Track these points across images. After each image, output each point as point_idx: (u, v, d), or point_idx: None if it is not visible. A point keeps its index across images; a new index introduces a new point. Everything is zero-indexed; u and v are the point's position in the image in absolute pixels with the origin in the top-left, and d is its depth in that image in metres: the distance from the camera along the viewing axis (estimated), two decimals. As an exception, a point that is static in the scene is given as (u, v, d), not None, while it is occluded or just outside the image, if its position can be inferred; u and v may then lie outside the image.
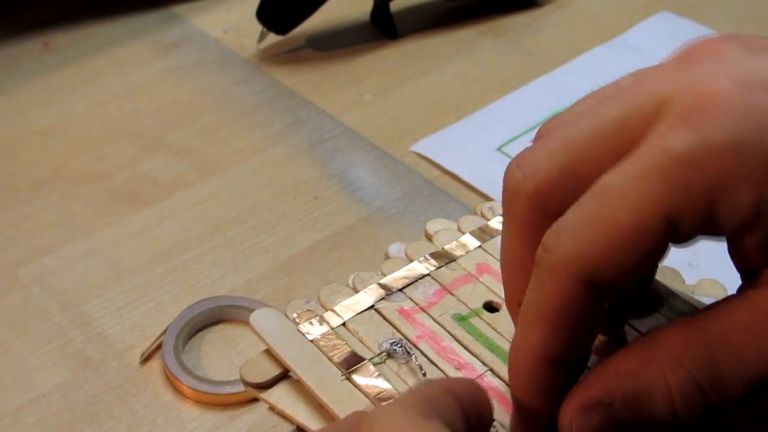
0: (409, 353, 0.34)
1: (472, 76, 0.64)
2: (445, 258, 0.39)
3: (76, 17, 0.68)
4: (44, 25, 0.67)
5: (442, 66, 0.65)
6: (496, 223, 0.41)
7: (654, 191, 0.26)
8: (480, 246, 0.39)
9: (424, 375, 0.33)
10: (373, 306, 0.36)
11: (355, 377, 0.33)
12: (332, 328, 0.35)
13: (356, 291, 0.37)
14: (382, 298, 0.37)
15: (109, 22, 0.68)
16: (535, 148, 0.30)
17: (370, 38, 0.67)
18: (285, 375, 0.35)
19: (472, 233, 0.40)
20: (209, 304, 0.47)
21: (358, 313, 0.36)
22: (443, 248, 0.39)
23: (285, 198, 0.54)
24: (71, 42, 0.66)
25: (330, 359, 0.34)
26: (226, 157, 0.57)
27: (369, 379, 0.33)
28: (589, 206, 0.27)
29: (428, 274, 0.38)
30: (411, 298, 0.37)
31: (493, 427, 0.30)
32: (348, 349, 0.34)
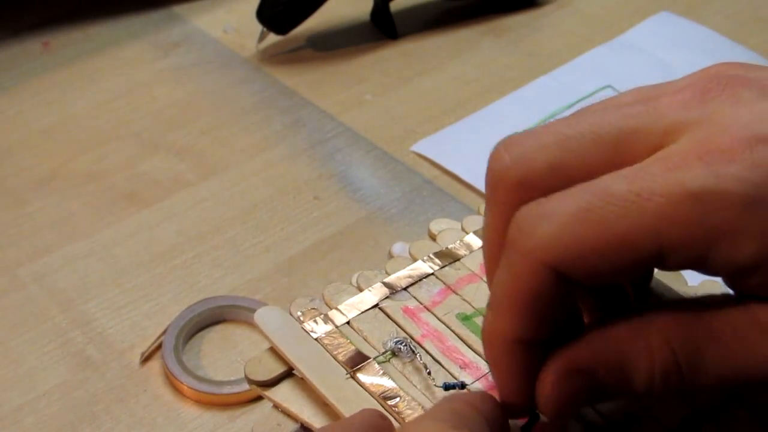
0: (413, 352, 0.34)
1: (472, 76, 0.64)
2: (449, 257, 0.38)
3: (76, 17, 0.68)
4: (44, 25, 0.67)
5: (442, 66, 0.65)
6: (499, 222, 0.40)
7: (657, 215, 0.26)
8: (484, 245, 0.39)
9: (429, 374, 0.33)
10: (377, 305, 0.36)
11: (359, 376, 0.33)
12: (337, 327, 0.35)
13: (360, 290, 0.37)
14: (387, 297, 0.36)
15: (109, 22, 0.68)
16: (527, 135, 0.30)
17: (370, 38, 0.67)
18: (289, 373, 0.35)
19: (475, 233, 0.40)
20: (209, 304, 0.47)
21: (363, 312, 0.36)
22: (447, 248, 0.39)
23: (285, 198, 0.54)
24: (71, 42, 0.66)
25: (335, 357, 0.34)
26: (226, 157, 0.57)
27: (374, 378, 0.33)
28: (586, 203, 0.27)
29: (432, 274, 0.38)
30: (415, 297, 0.36)
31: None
32: (353, 347, 0.34)
